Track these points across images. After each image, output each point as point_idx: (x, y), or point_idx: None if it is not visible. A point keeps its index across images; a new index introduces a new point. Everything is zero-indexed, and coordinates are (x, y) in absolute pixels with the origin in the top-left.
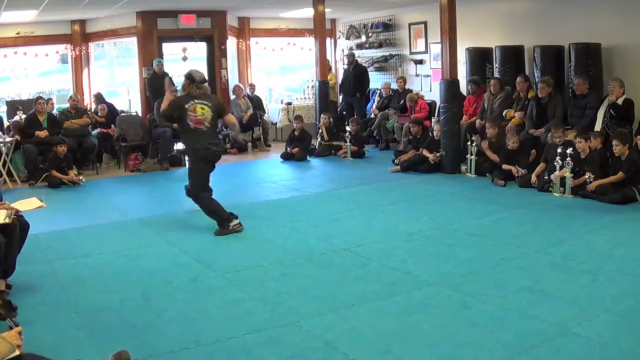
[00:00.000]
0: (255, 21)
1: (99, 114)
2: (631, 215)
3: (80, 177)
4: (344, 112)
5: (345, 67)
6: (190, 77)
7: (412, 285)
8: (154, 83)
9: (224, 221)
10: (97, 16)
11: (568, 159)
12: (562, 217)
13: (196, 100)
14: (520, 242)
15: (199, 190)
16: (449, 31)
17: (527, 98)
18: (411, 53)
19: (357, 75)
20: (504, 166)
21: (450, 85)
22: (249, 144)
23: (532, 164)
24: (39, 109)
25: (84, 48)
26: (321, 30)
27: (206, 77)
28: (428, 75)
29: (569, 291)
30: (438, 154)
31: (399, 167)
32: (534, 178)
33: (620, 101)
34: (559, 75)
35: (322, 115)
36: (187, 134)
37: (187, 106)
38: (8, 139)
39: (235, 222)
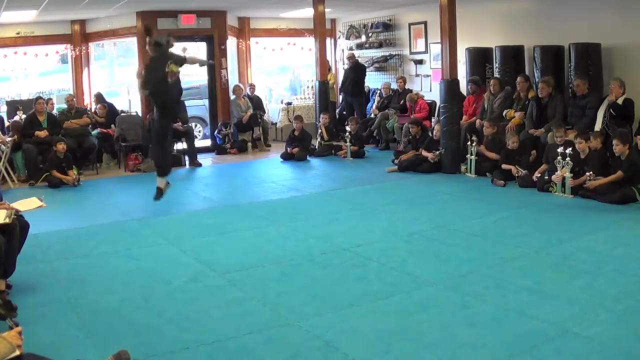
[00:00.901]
0: (255, 21)
1: (98, 113)
2: (631, 215)
3: (78, 178)
4: (344, 112)
5: (346, 67)
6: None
7: (412, 285)
8: None
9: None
10: (97, 16)
11: (567, 158)
12: (562, 217)
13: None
14: (520, 242)
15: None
16: (449, 31)
17: (527, 98)
18: (411, 53)
19: (357, 75)
20: (504, 166)
21: (450, 85)
22: (249, 144)
23: (533, 164)
24: (39, 109)
25: (84, 48)
26: (321, 30)
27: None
28: (428, 75)
29: (569, 291)
30: (437, 152)
31: (396, 167)
32: (536, 175)
33: (620, 101)
34: (559, 75)
35: (321, 115)
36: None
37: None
38: (8, 139)
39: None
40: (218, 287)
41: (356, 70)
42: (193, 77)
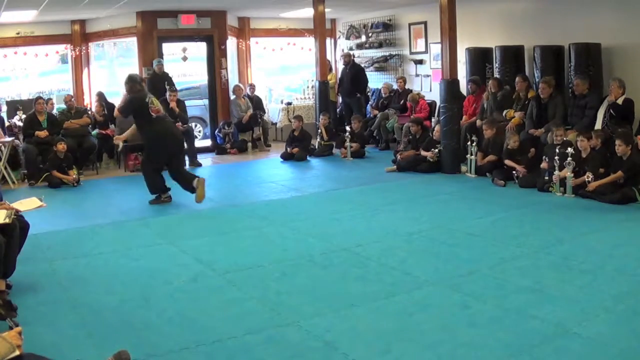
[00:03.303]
0: (255, 21)
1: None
2: (631, 215)
3: (78, 178)
4: (343, 113)
5: (343, 67)
6: (134, 80)
7: (412, 285)
8: (154, 83)
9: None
10: (97, 16)
11: (569, 159)
12: (562, 217)
13: (150, 95)
14: (520, 242)
15: (144, 163)
16: (449, 31)
17: (527, 98)
18: (411, 53)
19: (353, 75)
20: (506, 161)
21: (450, 85)
22: (249, 144)
23: (532, 163)
24: (39, 109)
25: (84, 48)
26: (321, 30)
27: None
28: (428, 75)
29: (569, 291)
30: (436, 150)
31: (395, 167)
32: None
33: (620, 101)
34: (559, 75)
35: (321, 116)
36: (149, 122)
37: (147, 100)
38: (8, 139)
39: (166, 196)
40: (218, 287)
41: (353, 70)
42: (193, 77)
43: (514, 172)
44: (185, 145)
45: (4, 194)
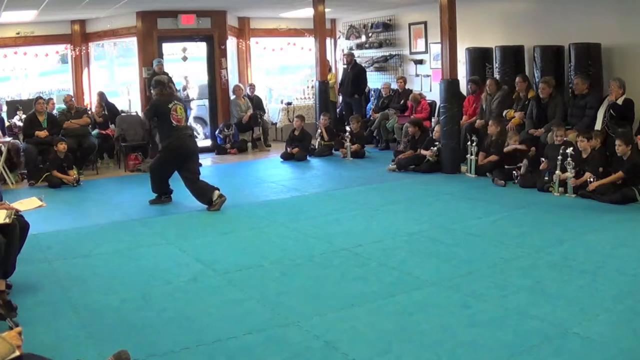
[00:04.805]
0: (255, 21)
1: (94, 112)
2: (631, 215)
3: (78, 178)
4: (344, 113)
5: (344, 67)
6: (162, 83)
7: (412, 285)
8: None
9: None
10: (97, 16)
11: (569, 159)
12: (562, 217)
13: (176, 101)
14: (520, 242)
15: (153, 167)
16: (449, 31)
17: (527, 98)
18: (411, 53)
19: (355, 75)
20: (507, 149)
21: (450, 85)
22: (249, 144)
23: (533, 162)
24: (39, 109)
25: (84, 48)
26: (321, 30)
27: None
28: (428, 75)
29: (569, 291)
30: (435, 149)
31: (395, 166)
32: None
33: (620, 101)
34: (559, 75)
35: (321, 117)
36: (169, 131)
37: (170, 105)
38: (7, 139)
39: (166, 196)
40: (218, 287)
41: (354, 71)
42: (193, 77)
43: (514, 172)
44: None
45: (3, 194)
